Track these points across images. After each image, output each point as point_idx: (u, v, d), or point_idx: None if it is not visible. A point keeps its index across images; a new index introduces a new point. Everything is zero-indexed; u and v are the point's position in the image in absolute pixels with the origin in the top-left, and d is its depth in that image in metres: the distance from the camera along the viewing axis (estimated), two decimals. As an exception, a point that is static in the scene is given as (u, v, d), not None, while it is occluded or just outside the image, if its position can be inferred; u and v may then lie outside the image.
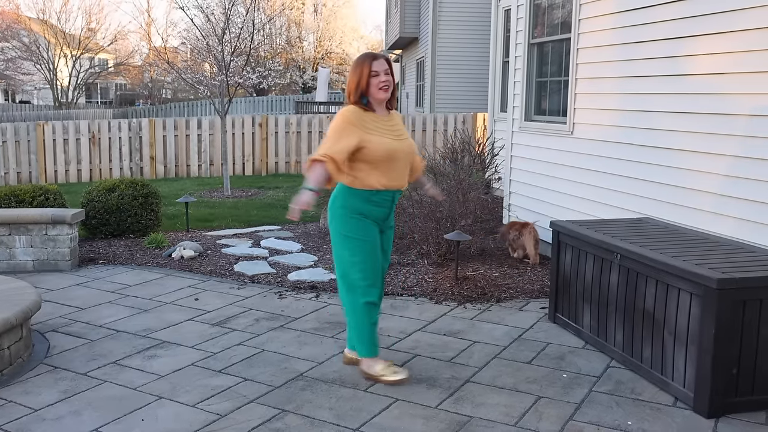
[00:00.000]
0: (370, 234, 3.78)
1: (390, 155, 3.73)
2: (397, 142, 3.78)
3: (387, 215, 3.89)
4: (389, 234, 3.99)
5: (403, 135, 3.86)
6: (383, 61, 3.77)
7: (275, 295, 5.59)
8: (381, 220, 3.87)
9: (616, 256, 4.16)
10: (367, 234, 3.77)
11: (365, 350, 3.89)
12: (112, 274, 6.25)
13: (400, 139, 3.82)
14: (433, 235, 6.41)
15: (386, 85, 3.73)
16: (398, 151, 3.77)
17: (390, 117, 3.86)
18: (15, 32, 35.19)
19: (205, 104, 30.50)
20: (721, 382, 3.46)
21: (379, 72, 3.72)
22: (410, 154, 3.87)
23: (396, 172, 3.80)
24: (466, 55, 17.59)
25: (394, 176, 3.80)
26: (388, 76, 3.75)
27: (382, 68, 3.73)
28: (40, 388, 3.85)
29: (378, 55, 3.82)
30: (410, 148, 3.87)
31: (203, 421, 3.48)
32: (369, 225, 3.79)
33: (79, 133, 13.12)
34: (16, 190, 7.06)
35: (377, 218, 3.84)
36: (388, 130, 3.79)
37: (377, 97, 3.75)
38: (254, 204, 10.24)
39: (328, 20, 38.09)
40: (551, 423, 3.45)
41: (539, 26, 7.11)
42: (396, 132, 3.83)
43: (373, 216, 3.82)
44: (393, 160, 3.76)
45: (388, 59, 3.81)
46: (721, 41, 4.56)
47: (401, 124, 3.93)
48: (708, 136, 4.69)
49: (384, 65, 3.75)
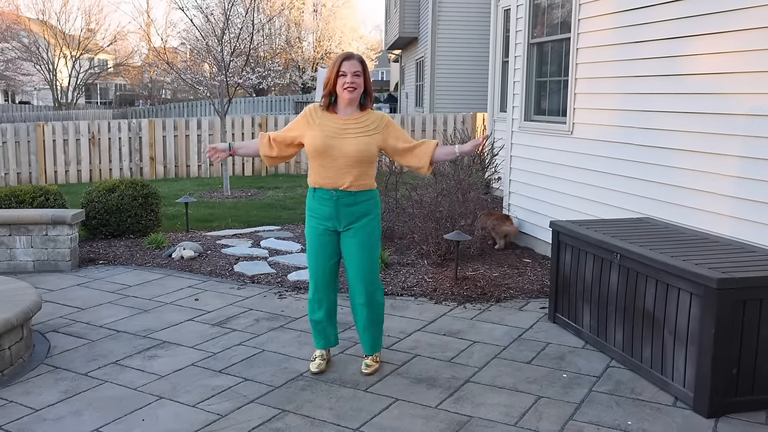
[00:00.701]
0: (315, 235, 3.93)
1: (320, 152, 3.77)
2: (333, 140, 3.76)
3: (332, 215, 3.84)
4: (350, 236, 3.87)
5: (356, 134, 3.78)
6: (355, 62, 3.77)
7: (275, 296, 5.60)
8: (327, 219, 3.87)
9: (616, 256, 4.17)
10: (310, 235, 3.96)
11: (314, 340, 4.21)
12: (112, 274, 6.25)
13: (342, 137, 3.76)
14: (433, 235, 6.41)
15: (351, 87, 3.75)
16: (332, 148, 3.75)
17: (359, 116, 3.84)
18: (15, 33, 35.19)
19: (205, 105, 30.50)
20: (721, 382, 3.47)
21: (346, 73, 3.75)
22: (355, 153, 3.74)
23: (331, 170, 3.79)
24: (465, 55, 17.60)
25: (327, 174, 3.81)
26: (357, 77, 3.76)
27: (351, 69, 3.75)
28: (40, 388, 3.86)
29: (352, 55, 3.82)
30: (354, 147, 3.75)
31: (203, 421, 3.48)
32: (313, 223, 3.93)
33: (79, 133, 13.13)
34: (16, 191, 7.06)
35: (323, 216, 3.88)
36: (335, 128, 3.79)
37: (342, 97, 3.80)
38: (254, 204, 10.24)
39: (327, 20, 38.07)
40: (551, 423, 3.46)
41: (539, 26, 7.11)
42: (347, 131, 3.78)
43: (318, 214, 3.90)
44: (326, 158, 3.77)
45: (362, 60, 3.81)
46: (721, 41, 4.56)
47: (372, 124, 3.84)
48: (708, 136, 4.69)
49: (354, 66, 3.76)
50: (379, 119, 3.89)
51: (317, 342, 4.16)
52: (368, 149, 3.80)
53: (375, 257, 3.95)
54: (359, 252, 3.88)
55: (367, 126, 3.84)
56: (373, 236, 3.92)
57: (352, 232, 3.88)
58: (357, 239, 3.87)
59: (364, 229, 3.88)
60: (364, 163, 3.82)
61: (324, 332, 4.12)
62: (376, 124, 3.86)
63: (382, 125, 3.88)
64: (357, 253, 3.88)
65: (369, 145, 3.80)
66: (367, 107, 3.89)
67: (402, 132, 3.96)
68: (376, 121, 3.87)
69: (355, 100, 3.82)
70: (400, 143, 3.90)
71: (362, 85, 3.80)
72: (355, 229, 3.88)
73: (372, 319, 4.02)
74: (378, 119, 3.88)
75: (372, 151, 3.82)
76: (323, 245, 3.93)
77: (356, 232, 3.88)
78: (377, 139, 3.84)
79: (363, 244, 3.88)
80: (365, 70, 3.81)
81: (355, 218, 3.87)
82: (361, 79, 3.78)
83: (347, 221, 3.87)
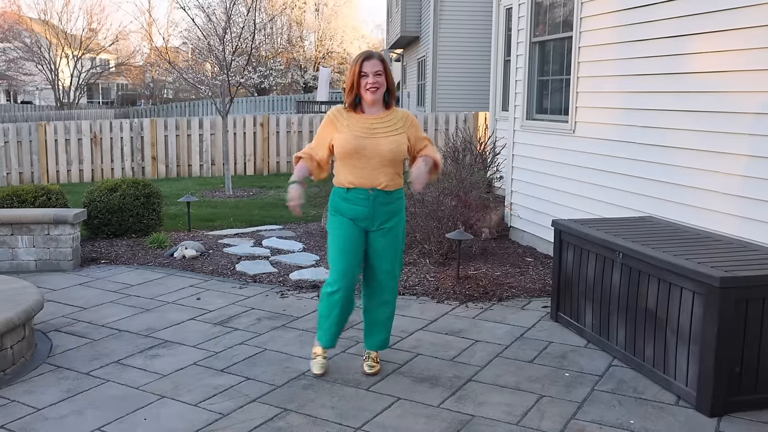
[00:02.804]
0: (343, 230, 3.83)
1: (351, 152, 3.73)
2: (365, 139, 3.73)
3: (368, 215, 3.81)
4: (381, 236, 3.86)
5: (386, 133, 3.77)
6: (376, 61, 3.73)
7: (277, 295, 5.59)
8: (362, 219, 3.82)
9: (618, 254, 4.16)
10: (339, 229, 3.84)
11: (318, 334, 4.06)
12: (114, 273, 6.26)
13: (373, 137, 3.74)
14: (435, 234, 6.41)
15: (374, 87, 3.72)
16: (364, 148, 3.73)
17: (384, 115, 3.82)
18: (17, 33, 35.23)
19: (207, 104, 30.52)
20: (723, 381, 3.46)
21: (368, 73, 3.72)
22: (389, 152, 3.74)
23: (365, 170, 3.76)
24: (467, 54, 17.58)
25: (362, 174, 3.77)
26: (379, 77, 3.73)
27: (372, 69, 3.71)
28: (42, 387, 3.86)
29: (372, 54, 3.78)
30: (387, 146, 3.73)
31: (205, 420, 3.48)
32: (344, 222, 3.84)
33: (81, 133, 13.13)
34: (18, 191, 7.07)
35: (356, 217, 3.82)
36: (364, 128, 3.76)
37: (365, 98, 3.77)
38: (256, 203, 10.24)
39: (329, 19, 38.08)
40: (553, 422, 3.45)
41: (540, 25, 7.10)
42: (376, 130, 3.76)
43: (350, 214, 3.83)
44: (357, 158, 3.74)
45: (382, 59, 3.78)
46: (725, 39, 4.55)
47: (399, 122, 3.82)
48: (711, 135, 4.68)
49: (376, 66, 3.72)
50: (405, 117, 3.88)
51: (326, 340, 3.99)
52: (400, 148, 3.79)
53: (402, 255, 4.00)
54: (391, 250, 3.90)
55: (394, 124, 3.82)
56: (403, 234, 3.97)
57: (385, 231, 3.86)
58: (389, 238, 3.88)
59: (396, 228, 3.90)
60: (397, 161, 3.82)
61: (335, 329, 3.97)
62: (402, 122, 3.85)
63: (408, 124, 3.86)
64: (389, 251, 3.90)
65: (400, 144, 3.79)
66: (391, 105, 3.87)
67: (421, 134, 3.92)
68: (402, 119, 3.86)
69: (379, 99, 3.79)
70: (418, 145, 3.90)
71: (384, 84, 3.77)
72: (387, 229, 3.86)
73: (391, 316, 4.05)
74: (404, 117, 3.88)
75: (404, 149, 3.82)
76: (356, 244, 3.84)
77: (388, 231, 3.87)
78: (405, 137, 3.83)
79: (394, 242, 3.91)
80: (386, 68, 3.77)
81: (388, 217, 3.86)
82: (383, 78, 3.75)
83: (381, 220, 3.84)
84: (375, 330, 4.07)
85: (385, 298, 3.98)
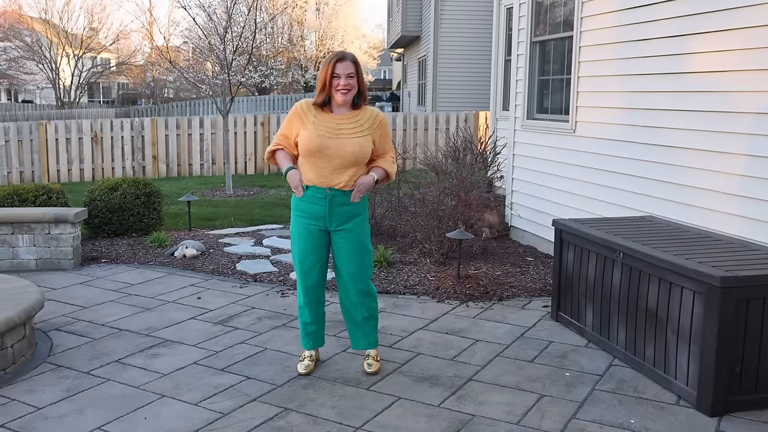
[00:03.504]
0: (302, 231, 3.87)
1: (314, 151, 3.74)
2: (329, 139, 3.74)
3: (324, 214, 3.81)
4: (342, 237, 3.86)
5: (350, 134, 3.77)
6: (348, 63, 3.75)
7: (277, 294, 5.59)
8: (320, 219, 3.83)
9: (618, 254, 4.16)
10: (298, 231, 3.89)
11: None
12: (114, 273, 6.26)
13: (337, 137, 3.75)
14: (435, 233, 6.41)
15: (345, 89, 3.74)
16: (327, 147, 3.73)
17: (352, 116, 3.82)
18: (17, 32, 35.24)
19: (208, 103, 30.51)
20: (724, 381, 3.46)
21: (340, 75, 3.73)
22: (351, 154, 3.74)
23: (326, 169, 3.77)
24: (467, 54, 17.58)
25: (322, 173, 3.77)
26: (351, 79, 3.74)
27: (344, 71, 3.73)
28: (43, 386, 3.86)
29: (345, 56, 3.79)
30: (350, 148, 3.74)
31: (206, 419, 3.48)
32: (304, 223, 3.87)
33: (82, 132, 13.13)
34: (19, 190, 7.07)
35: (314, 216, 3.83)
36: (329, 128, 3.76)
37: (335, 99, 3.79)
38: (256, 203, 10.25)
39: (329, 19, 38.06)
40: (554, 421, 3.45)
41: (541, 24, 7.10)
42: (341, 131, 3.76)
43: (308, 213, 3.84)
44: (320, 156, 3.74)
45: (355, 61, 3.79)
46: (726, 38, 4.55)
47: (366, 123, 3.82)
48: (712, 134, 4.68)
49: (348, 68, 3.73)
50: (373, 117, 3.87)
51: (306, 343, 4.10)
52: (363, 150, 3.79)
53: (369, 257, 3.96)
54: (354, 253, 3.88)
55: (361, 125, 3.82)
56: (366, 235, 3.94)
57: (345, 233, 3.86)
58: (351, 240, 3.86)
59: (357, 230, 3.88)
60: (360, 163, 3.81)
61: (314, 334, 4.09)
62: (369, 122, 3.84)
63: (375, 124, 3.86)
64: (352, 254, 3.88)
65: (364, 146, 3.79)
66: (360, 106, 3.87)
67: (385, 139, 3.93)
68: (369, 119, 3.85)
69: (348, 101, 3.81)
70: (379, 151, 3.91)
71: (356, 86, 3.78)
72: (347, 230, 3.86)
73: (370, 315, 4.02)
74: (372, 117, 3.86)
75: (367, 151, 3.81)
76: (316, 246, 3.89)
77: (349, 232, 3.86)
78: (370, 139, 3.83)
79: (357, 244, 3.88)
80: (359, 71, 3.78)
81: (347, 218, 3.85)
82: (355, 80, 3.76)
83: (339, 221, 3.84)
84: (354, 330, 4.08)
85: (354, 300, 3.96)
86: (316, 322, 4.08)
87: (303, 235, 3.88)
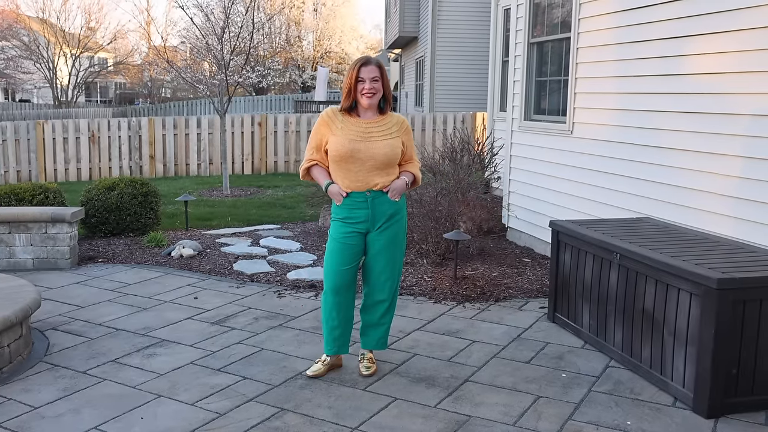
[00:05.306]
0: (343, 238, 3.86)
1: (346, 155, 3.76)
2: (359, 143, 3.77)
3: (368, 217, 3.84)
4: (383, 235, 3.88)
5: (381, 137, 3.81)
6: (373, 67, 3.77)
7: (274, 294, 5.59)
8: (363, 222, 3.85)
9: (615, 255, 4.16)
10: (339, 236, 3.88)
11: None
12: (111, 272, 6.25)
13: (368, 140, 3.78)
14: (432, 234, 6.41)
15: (371, 92, 3.76)
16: (359, 151, 3.76)
17: (379, 120, 3.86)
18: (15, 31, 35.15)
19: (205, 103, 30.49)
20: (720, 382, 3.46)
21: (365, 79, 3.75)
22: (384, 156, 3.78)
23: (359, 174, 3.80)
24: (465, 55, 17.58)
25: (357, 178, 3.80)
26: (376, 83, 3.77)
27: (369, 75, 3.75)
28: (39, 386, 3.85)
29: (369, 60, 3.81)
30: (382, 150, 3.78)
31: (202, 419, 3.48)
32: (347, 229, 3.87)
33: (79, 131, 13.12)
34: (16, 189, 7.06)
35: (358, 220, 3.85)
36: (359, 131, 3.79)
37: (361, 103, 3.82)
38: (253, 203, 10.24)
39: (327, 19, 38.07)
40: (550, 423, 3.45)
41: (539, 26, 7.11)
42: (371, 134, 3.80)
43: (352, 219, 3.85)
44: (352, 161, 3.77)
45: (380, 64, 3.81)
46: (722, 41, 4.56)
47: (394, 127, 3.87)
48: (709, 136, 4.69)
49: (373, 72, 3.76)
50: (400, 123, 3.93)
51: (330, 348, 4.02)
52: (395, 151, 3.84)
53: (402, 255, 4.01)
54: (391, 250, 3.93)
55: (389, 128, 3.87)
56: (403, 233, 3.99)
57: (384, 231, 3.89)
58: (389, 238, 3.90)
59: (395, 227, 3.92)
60: (392, 163, 3.86)
61: (340, 338, 4.01)
62: (397, 126, 3.90)
63: (402, 129, 3.92)
64: (388, 251, 3.92)
65: (395, 147, 3.84)
66: (385, 111, 3.91)
67: (411, 144, 3.99)
68: (397, 124, 3.91)
69: (374, 105, 3.84)
70: (405, 155, 3.96)
71: (381, 90, 3.81)
72: (387, 228, 3.89)
73: (390, 316, 4.06)
74: (399, 122, 3.92)
75: (398, 152, 3.86)
76: (353, 250, 3.88)
77: (388, 231, 3.90)
78: (399, 141, 3.88)
79: (394, 242, 3.93)
80: (383, 75, 3.81)
81: (387, 217, 3.88)
82: (380, 84, 3.79)
83: (381, 221, 3.87)
84: (369, 329, 4.09)
85: (380, 298, 3.99)
86: (345, 327, 4.01)
87: (343, 240, 3.87)
